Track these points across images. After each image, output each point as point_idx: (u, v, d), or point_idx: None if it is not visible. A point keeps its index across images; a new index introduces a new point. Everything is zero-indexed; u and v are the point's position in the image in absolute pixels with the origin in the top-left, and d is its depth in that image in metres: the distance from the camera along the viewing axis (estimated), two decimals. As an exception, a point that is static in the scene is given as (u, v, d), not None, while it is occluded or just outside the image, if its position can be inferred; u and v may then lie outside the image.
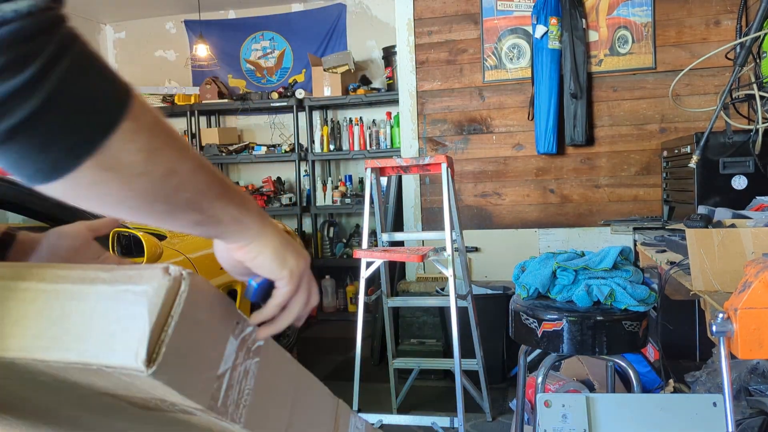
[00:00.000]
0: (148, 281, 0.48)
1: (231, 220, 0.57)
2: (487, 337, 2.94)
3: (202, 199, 0.53)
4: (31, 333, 0.49)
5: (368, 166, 2.66)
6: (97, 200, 0.48)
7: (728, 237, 1.44)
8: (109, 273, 0.50)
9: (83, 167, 0.44)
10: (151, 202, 0.49)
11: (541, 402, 1.47)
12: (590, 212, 3.52)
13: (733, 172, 2.45)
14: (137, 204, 0.49)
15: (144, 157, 0.47)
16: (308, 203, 4.87)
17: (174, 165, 0.49)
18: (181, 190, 0.50)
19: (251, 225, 0.59)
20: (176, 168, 0.49)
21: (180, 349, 0.48)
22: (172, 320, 0.47)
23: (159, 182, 0.48)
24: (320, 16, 5.05)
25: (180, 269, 0.49)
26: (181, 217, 0.53)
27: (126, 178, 0.46)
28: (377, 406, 2.88)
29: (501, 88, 3.61)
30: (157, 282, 0.48)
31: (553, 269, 1.73)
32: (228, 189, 0.56)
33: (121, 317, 0.47)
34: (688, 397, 1.45)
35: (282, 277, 0.61)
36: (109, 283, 0.49)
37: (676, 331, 2.65)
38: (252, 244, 0.60)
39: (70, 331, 0.48)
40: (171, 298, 0.48)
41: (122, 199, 0.48)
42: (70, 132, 0.43)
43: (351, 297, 4.83)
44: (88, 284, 0.50)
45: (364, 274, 2.52)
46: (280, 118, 5.16)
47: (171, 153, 0.49)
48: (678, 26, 3.38)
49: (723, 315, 1.06)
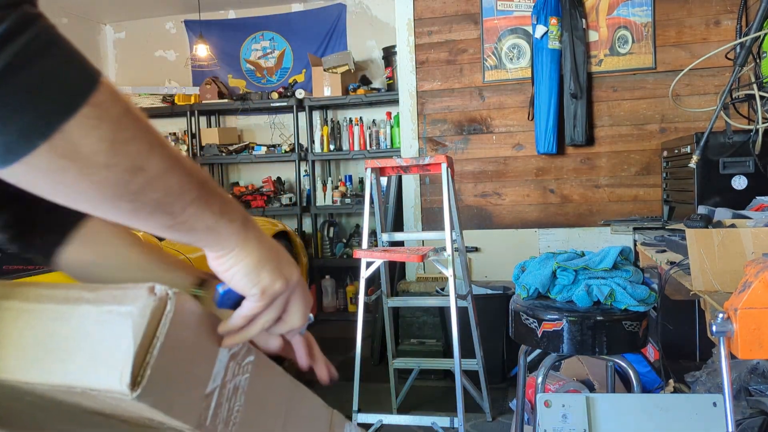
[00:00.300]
0: (132, 301, 0.47)
1: (205, 229, 0.52)
2: (487, 337, 2.94)
3: (173, 201, 0.49)
4: (14, 354, 0.48)
5: (368, 166, 2.66)
6: (54, 190, 0.44)
7: (728, 237, 1.44)
8: (93, 293, 0.49)
9: (38, 151, 0.41)
10: (114, 199, 0.46)
11: (541, 402, 1.47)
12: (590, 212, 3.52)
13: (733, 172, 2.45)
14: (98, 199, 0.45)
15: (106, 147, 0.43)
16: (308, 203, 4.87)
17: (142, 161, 0.45)
18: (148, 190, 0.46)
19: (228, 236, 0.55)
20: (144, 165, 0.46)
21: (165, 370, 0.47)
22: (157, 341, 0.46)
23: (123, 178, 0.45)
24: (320, 16, 5.05)
25: (166, 289, 0.48)
26: (149, 219, 0.49)
27: (85, 169, 0.43)
28: (377, 406, 2.88)
29: (501, 88, 3.61)
30: (141, 302, 0.47)
31: (553, 269, 1.73)
32: (207, 193, 0.52)
33: (105, 339, 0.46)
34: (688, 397, 1.45)
35: (252, 294, 0.57)
36: (93, 304, 0.48)
37: (676, 331, 2.65)
38: (226, 256, 0.56)
39: (54, 353, 0.47)
40: (156, 318, 0.47)
41: (81, 191, 0.44)
42: (25, 111, 0.40)
43: (351, 297, 4.83)
44: (72, 304, 0.49)
45: (364, 274, 2.52)
46: (280, 118, 5.16)
47: (139, 147, 0.45)
48: (678, 26, 3.38)
49: (723, 315, 1.06)
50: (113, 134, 0.44)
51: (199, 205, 0.51)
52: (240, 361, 0.58)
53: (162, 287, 0.48)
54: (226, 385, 0.55)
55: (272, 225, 3.69)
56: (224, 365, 0.55)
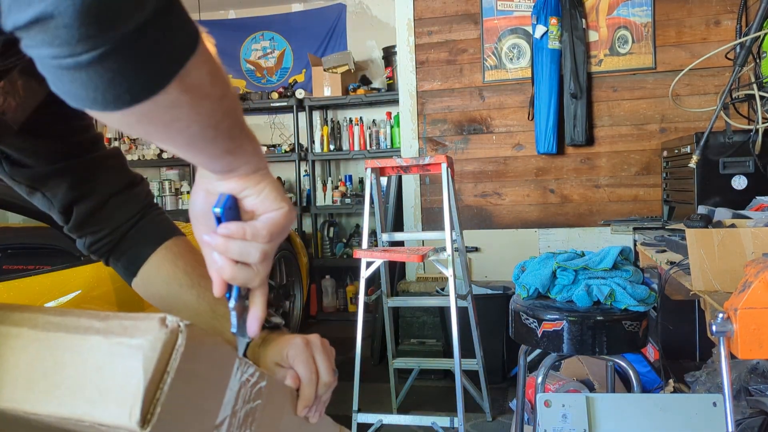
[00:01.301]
0: (143, 334, 0.46)
1: (252, 151, 0.58)
2: (487, 337, 2.94)
3: (235, 126, 0.54)
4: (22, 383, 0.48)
5: (368, 166, 2.66)
6: (166, 126, 0.48)
7: (728, 237, 1.44)
8: (103, 322, 0.48)
9: (170, 87, 0.44)
10: (206, 127, 0.50)
11: (541, 402, 1.47)
12: (590, 212, 3.52)
13: (733, 172, 2.45)
14: (195, 130, 0.50)
15: (210, 80, 0.48)
16: (308, 203, 4.87)
17: (226, 90, 0.51)
18: (227, 116, 0.52)
19: (263, 159, 0.60)
20: (227, 93, 0.51)
21: (176, 405, 0.46)
22: (168, 376, 0.45)
23: (216, 106, 0.50)
24: (320, 16, 5.05)
25: (177, 320, 0.47)
26: (221, 143, 0.54)
27: (196, 100, 0.47)
28: (377, 406, 2.88)
29: (501, 88, 3.61)
30: (153, 335, 0.46)
31: (553, 269, 1.73)
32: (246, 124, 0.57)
33: (115, 372, 0.46)
34: (688, 397, 1.45)
35: (281, 207, 0.60)
36: (103, 335, 0.47)
37: (676, 331, 2.65)
38: (258, 173, 0.59)
39: (63, 384, 0.47)
40: (167, 352, 0.46)
41: (188, 124, 0.49)
42: (167, 50, 0.43)
43: (351, 297, 4.83)
44: (81, 334, 0.48)
45: (364, 274, 2.52)
46: (280, 118, 5.16)
47: (223, 78, 0.51)
48: (678, 26, 3.38)
49: (723, 315, 1.06)
50: (212, 68, 0.48)
51: (246, 130, 0.57)
52: (252, 387, 0.57)
53: (173, 319, 0.47)
54: (236, 414, 0.55)
55: (272, 225, 3.68)
56: (235, 393, 0.54)
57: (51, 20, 0.37)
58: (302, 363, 0.70)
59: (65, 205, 0.80)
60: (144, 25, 0.40)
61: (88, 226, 0.82)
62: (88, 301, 1.87)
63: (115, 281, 1.97)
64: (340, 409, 2.77)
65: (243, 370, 0.56)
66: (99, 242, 0.83)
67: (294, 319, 3.92)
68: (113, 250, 0.84)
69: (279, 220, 0.60)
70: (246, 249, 0.60)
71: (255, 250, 0.60)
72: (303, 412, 0.68)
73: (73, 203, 0.80)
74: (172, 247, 0.84)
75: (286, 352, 0.72)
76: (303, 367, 0.70)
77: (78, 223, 0.82)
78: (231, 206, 0.59)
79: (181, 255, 0.84)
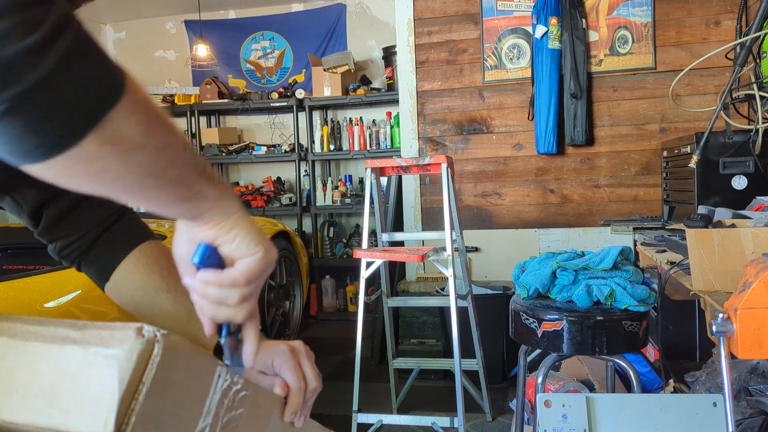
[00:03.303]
0: (119, 344, 0.46)
1: (215, 196, 0.57)
2: (487, 337, 2.94)
3: (190, 174, 0.53)
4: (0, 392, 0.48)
5: (368, 166, 2.66)
6: (94, 178, 0.46)
7: (728, 237, 1.44)
8: (81, 332, 0.48)
9: (86, 141, 0.42)
10: (146, 177, 0.49)
11: (541, 402, 1.47)
12: (590, 212, 3.52)
13: (733, 172, 2.45)
14: (132, 180, 0.48)
15: (142, 130, 0.46)
16: (308, 203, 4.87)
17: (167, 139, 0.49)
18: (172, 165, 0.50)
19: (231, 201, 0.59)
20: (169, 142, 0.49)
21: (151, 415, 0.46)
22: (143, 386, 0.45)
23: (154, 156, 0.48)
24: (320, 16, 5.05)
25: (154, 330, 0.47)
26: (171, 192, 0.53)
27: (125, 152, 0.45)
28: (377, 406, 2.88)
29: (501, 88, 3.61)
30: (128, 345, 0.46)
31: (553, 269, 1.73)
32: (208, 168, 0.56)
33: (90, 382, 0.45)
34: (688, 397, 1.45)
35: (255, 252, 0.60)
36: (80, 344, 0.47)
37: (676, 331, 2.65)
38: (229, 218, 0.59)
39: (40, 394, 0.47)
40: (143, 362, 0.46)
41: (120, 175, 0.47)
42: (76, 103, 0.41)
43: (351, 297, 4.83)
44: (58, 344, 0.48)
45: (364, 274, 2.52)
46: (280, 118, 5.16)
47: (164, 127, 0.49)
48: (678, 26, 3.38)
49: (723, 315, 1.06)
50: (146, 117, 0.47)
51: (206, 176, 0.56)
52: (234, 395, 0.57)
53: (150, 328, 0.47)
54: (218, 422, 0.54)
55: (272, 225, 3.69)
56: (216, 402, 0.54)
57: None
58: (290, 371, 0.71)
59: (35, 209, 0.79)
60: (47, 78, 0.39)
61: (59, 230, 0.81)
62: (88, 301, 1.87)
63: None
64: (340, 409, 2.77)
65: (225, 377, 0.56)
66: (70, 246, 0.82)
67: (294, 319, 3.92)
68: (85, 254, 0.83)
69: (254, 266, 0.60)
70: (224, 294, 0.60)
71: (233, 295, 0.61)
72: (290, 418, 0.69)
73: (42, 206, 0.79)
74: (146, 251, 0.83)
75: (271, 359, 0.72)
76: (291, 375, 0.71)
77: (48, 226, 0.81)
78: (209, 255, 0.59)
79: (155, 259, 0.83)
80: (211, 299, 0.61)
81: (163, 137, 0.49)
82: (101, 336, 0.47)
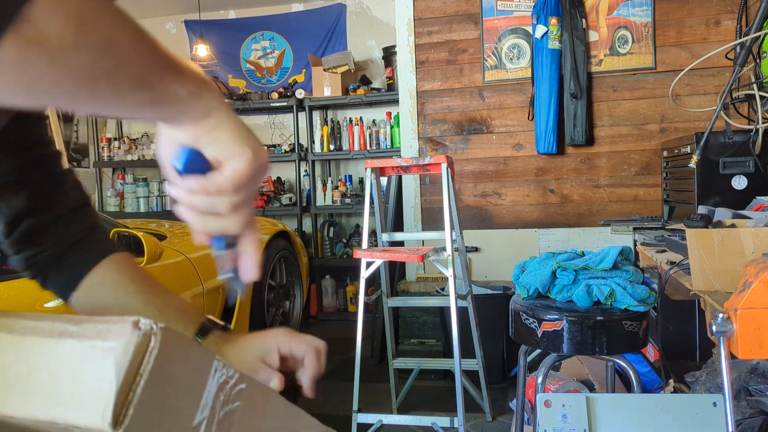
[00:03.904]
0: (116, 337, 0.46)
1: (188, 95, 0.49)
2: (487, 337, 2.94)
3: (150, 72, 0.46)
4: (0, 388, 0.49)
5: (368, 166, 2.66)
6: (28, 87, 0.40)
7: (728, 237, 1.44)
8: (78, 326, 0.49)
9: (3, 44, 0.36)
10: (92, 81, 0.42)
11: (541, 402, 1.47)
12: (590, 212, 3.52)
13: (733, 172, 2.45)
14: (75, 86, 0.42)
15: (74, 27, 0.39)
16: (308, 203, 4.87)
17: (112, 34, 0.42)
18: (124, 64, 0.43)
19: (211, 98, 0.52)
20: (115, 37, 0.42)
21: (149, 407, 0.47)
22: (141, 379, 0.46)
23: (97, 56, 0.41)
24: (320, 16, 5.05)
25: (151, 323, 0.47)
26: (131, 97, 0.46)
27: (57, 53, 0.39)
28: (377, 406, 2.88)
29: (501, 88, 3.61)
30: (125, 338, 0.46)
31: (553, 269, 1.73)
32: (178, 62, 0.49)
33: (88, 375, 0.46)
34: (688, 397, 1.45)
35: (242, 153, 0.52)
36: (76, 338, 0.48)
37: (676, 331, 2.65)
38: (210, 116, 0.52)
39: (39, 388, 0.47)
40: (140, 355, 0.46)
41: (57, 80, 0.40)
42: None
43: (351, 297, 4.84)
44: (56, 338, 0.49)
45: (364, 274, 2.52)
46: (280, 118, 5.16)
47: (107, 20, 0.42)
48: (678, 26, 3.38)
49: (723, 315, 1.06)
50: (78, 10, 0.40)
51: (175, 72, 0.48)
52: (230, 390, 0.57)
53: (147, 321, 0.47)
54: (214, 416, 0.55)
55: (272, 225, 3.69)
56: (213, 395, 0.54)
57: None
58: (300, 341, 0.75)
59: (17, 216, 0.78)
60: None
61: (35, 239, 0.80)
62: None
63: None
64: (340, 409, 2.77)
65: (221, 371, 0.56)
66: (40, 255, 0.81)
67: (294, 319, 3.92)
68: (55, 265, 0.82)
69: (242, 170, 0.53)
70: (212, 203, 0.54)
71: (222, 204, 0.54)
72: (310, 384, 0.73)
73: (24, 215, 0.79)
74: (116, 260, 0.83)
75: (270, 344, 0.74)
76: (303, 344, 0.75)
77: (23, 235, 0.80)
78: (192, 159, 0.53)
79: (127, 266, 0.83)
80: (199, 209, 0.55)
81: (107, 32, 0.42)
82: (98, 330, 0.48)
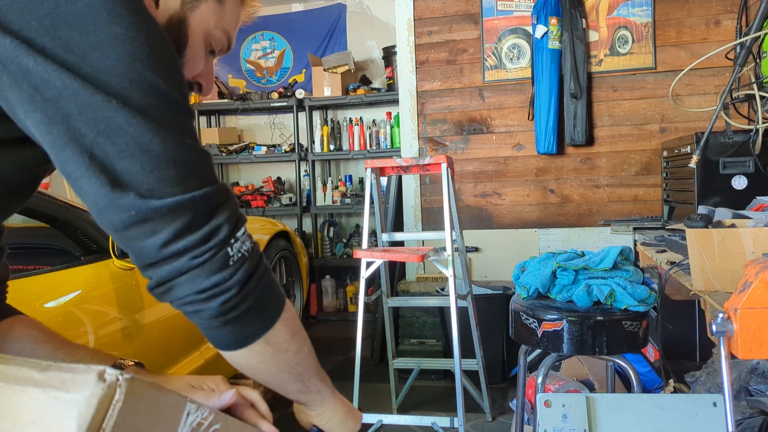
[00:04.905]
0: (79, 389, 0.45)
1: (316, 392, 0.76)
2: (487, 337, 2.94)
3: (307, 373, 0.73)
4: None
5: (368, 166, 2.66)
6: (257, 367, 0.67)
7: (728, 237, 1.44)
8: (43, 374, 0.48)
9: (258, 342, 0.64)
10: (283, 371, 0.69)
11: (541, 402, 1.47)
12: (590, 212, 3.52)
13: (733, 172, 2.45)
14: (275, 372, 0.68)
15: (289, 337, 0.67)
16: (308, 203, 4.87)
17: (301, 346, 0.70)
18: (299, 365, 0.70)
19: (327, 397, 0.79)
20: (302, 349, 0.70)
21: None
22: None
23: (292, 357, 0.68)
24: (320, 16, 5.05)
25: (117, 374, 0.46)
26: (291, 385, 0.72)
27: (276, 352, 0.66)
28: (377, 406, 2.88)
29: (501, 88, 3.61)
30: (89, 390, 0.45)
31: (553, 269, 1.73)
32: (319, 367, 0.76)
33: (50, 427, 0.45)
34: (688, 397, 1.45)
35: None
36: (41, 387, 0.47)
37: (676, 331, 2.65)
38: (326, 412, 0.79)
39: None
40: (104, 408, 0.45)
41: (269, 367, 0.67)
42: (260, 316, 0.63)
43: (351, 297, 4.83)
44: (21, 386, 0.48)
45: (364, 274, 2.52)
46: (280, 118, 5.16)
47: (301, 337, 0.70)
48: (678, 26, 3.38)
49: (723, 315, 1.06)
50: (293, 329, 0.68)
51: (316, 377, 0.75)
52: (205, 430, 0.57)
53: (113, 372, 0.46)
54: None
55: (272, 225, 3.68)
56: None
57: None
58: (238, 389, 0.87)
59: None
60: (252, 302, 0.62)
61: None
62: (88, 301, 1.87)
63: (116, 281, 1.97)
64: (340, 409, 2.76)
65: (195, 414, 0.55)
66: None
67: (294, 319, 3.91)
68: None
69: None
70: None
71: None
72: None
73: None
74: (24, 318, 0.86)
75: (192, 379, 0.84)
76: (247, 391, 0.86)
77: None
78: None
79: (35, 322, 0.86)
80: None
81: (300, 344, 0.69)
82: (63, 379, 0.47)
